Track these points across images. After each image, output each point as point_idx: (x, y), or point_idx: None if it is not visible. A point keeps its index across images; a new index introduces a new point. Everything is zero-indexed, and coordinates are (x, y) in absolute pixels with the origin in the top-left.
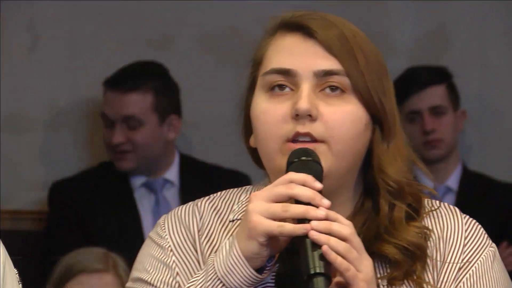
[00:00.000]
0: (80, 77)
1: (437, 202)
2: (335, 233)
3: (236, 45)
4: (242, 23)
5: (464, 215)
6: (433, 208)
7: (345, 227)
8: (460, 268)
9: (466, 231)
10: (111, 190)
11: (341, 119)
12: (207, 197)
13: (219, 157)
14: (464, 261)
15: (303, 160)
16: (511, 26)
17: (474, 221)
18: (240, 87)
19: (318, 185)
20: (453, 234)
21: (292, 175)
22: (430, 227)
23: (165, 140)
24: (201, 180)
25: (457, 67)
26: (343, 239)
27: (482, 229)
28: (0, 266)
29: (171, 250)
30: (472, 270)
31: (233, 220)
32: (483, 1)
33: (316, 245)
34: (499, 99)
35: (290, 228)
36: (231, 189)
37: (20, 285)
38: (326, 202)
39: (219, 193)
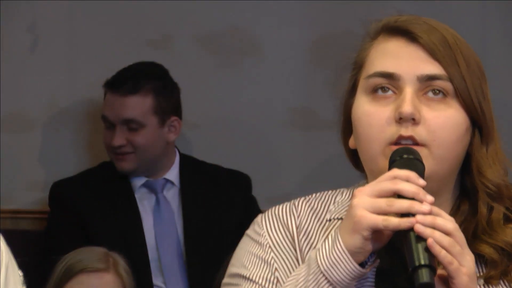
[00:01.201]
0: (80, 77)
1: None
2: (439, 227)
3: (236, 45)
4: (242, 23)
5: None
6: None
7: (449, 222)
8: None
9: None
10: (111, 190)
11: (444, 123)
12: (303, 198)
13: (219, 157)
14: None
15: (406, 158)
16: (511, 26)
17: None
18: (242, 87)
19: (422, 181)
20: None
21: (396, 171)
22: None
23: (166, 142)
24: (201, 180)
25: None
26: (447, 233)
27: None
28: (2, 267)
29: (269, 247)
30: None
31: (330, 220)
32: (483, 1)
33: (420, 238)
34: (499, 99)
35: (395, 221)
36: (325, 191)
37: (25, 287)
38: (430, 197)
39: (313, 194)
